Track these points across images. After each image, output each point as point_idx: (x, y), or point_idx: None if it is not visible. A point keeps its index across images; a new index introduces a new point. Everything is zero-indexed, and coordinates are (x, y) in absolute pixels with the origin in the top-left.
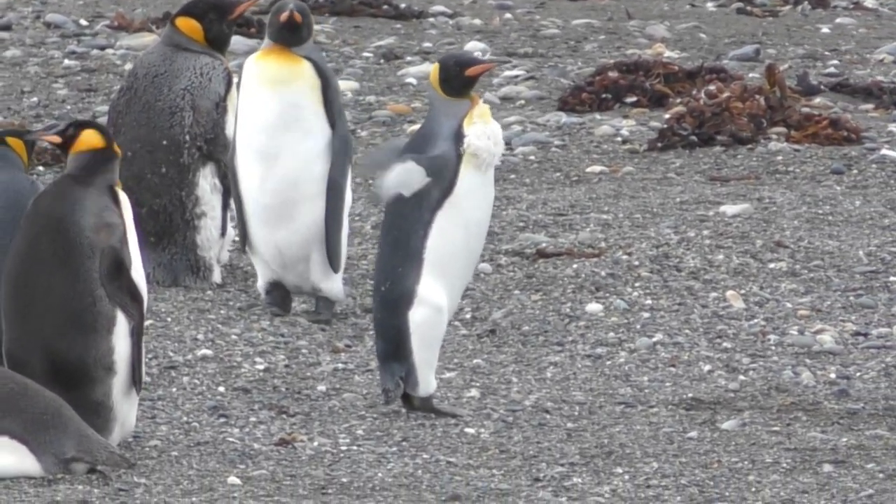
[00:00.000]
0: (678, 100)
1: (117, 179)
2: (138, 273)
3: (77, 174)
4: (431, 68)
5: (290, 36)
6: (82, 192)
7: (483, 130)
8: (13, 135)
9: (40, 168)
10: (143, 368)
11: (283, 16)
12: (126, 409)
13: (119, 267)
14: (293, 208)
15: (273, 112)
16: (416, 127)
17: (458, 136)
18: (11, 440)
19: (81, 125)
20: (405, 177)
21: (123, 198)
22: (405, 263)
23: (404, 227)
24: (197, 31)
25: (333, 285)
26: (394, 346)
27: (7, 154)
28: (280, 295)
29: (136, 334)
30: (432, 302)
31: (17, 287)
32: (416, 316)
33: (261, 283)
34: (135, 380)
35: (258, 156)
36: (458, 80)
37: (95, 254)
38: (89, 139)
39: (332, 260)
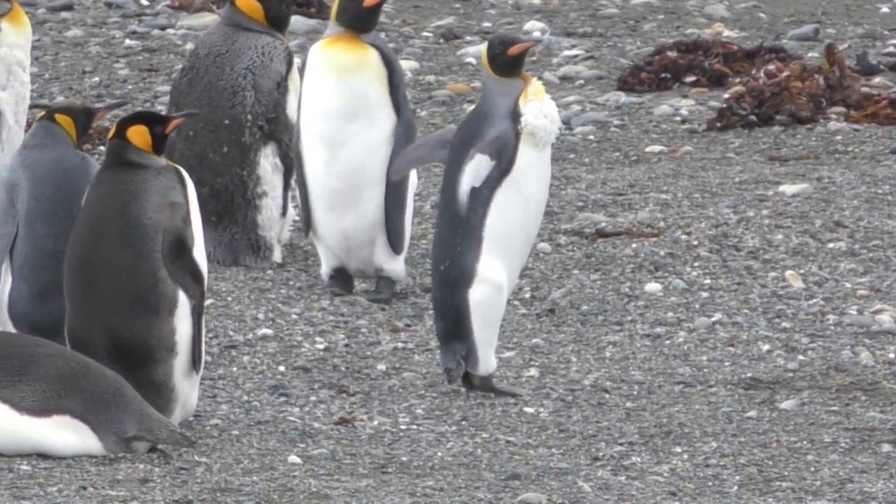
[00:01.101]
0: (737, 80)
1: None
2: (200, 253)
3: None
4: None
5: (363, 21)
6: (145, 172)
7: (539, 108)
8: (63, 111)
9: (102, 148)
10: (204, 348)
11: (371, 1)
12: (187, 389)
13: (181, 247)
14: (359, 193)
15: (339, 100)
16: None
17: (515, 115)
18: (73, 419)
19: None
20: (479, 171)
21: (187, 178)
22: (464, 242)
23: (463, 206)
24: (257, 11)
25: (396, 266)
26: (454, 326)
27: (55, 131)
28: (342, 279)
29: (197, 315)
30: (492, 280)
31: (79, 267)
32: (476, 294)
33: (324, 270)
34: (195, 360)
35: (324, 142)
36: (503, 58)
37: (158, 234)
38: (139, 137)
39: (394, 242)
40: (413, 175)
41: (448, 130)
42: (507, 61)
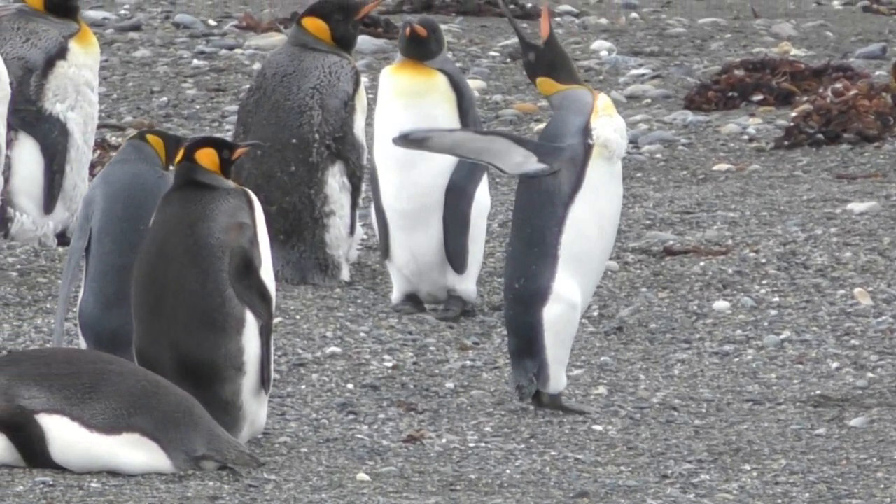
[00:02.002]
0: (805, 98)
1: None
2: (268, 273)
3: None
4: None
5: (418, 50)
6: (213, 193)
7: (610, 122)
8: (156, 133)
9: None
10: (272, 368)
11: (406, 30)
12: (255, 408)
13: (248, 267)
14: (429, 214)
15: (409, 124)
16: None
17: (586, 130)
18: (143, 437)
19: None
20: (492, 150)
21: (255, 200)
22: (539, 260)
23: (537, 224)
24: (324, 31)
25: (467, 286)
26: (527, 343)
27: (142, 148)
28: (413, 304)
29: (265, 334)
30: (567, 298)
31: (147, 286)
32: (551, 313)
33: (395, 295)
34: (264, 379)
35: (396, 164)
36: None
37: (225, 254)
38: (208, 159)
39: (454, 260)
40: (486, 197)
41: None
42: (549, 51)
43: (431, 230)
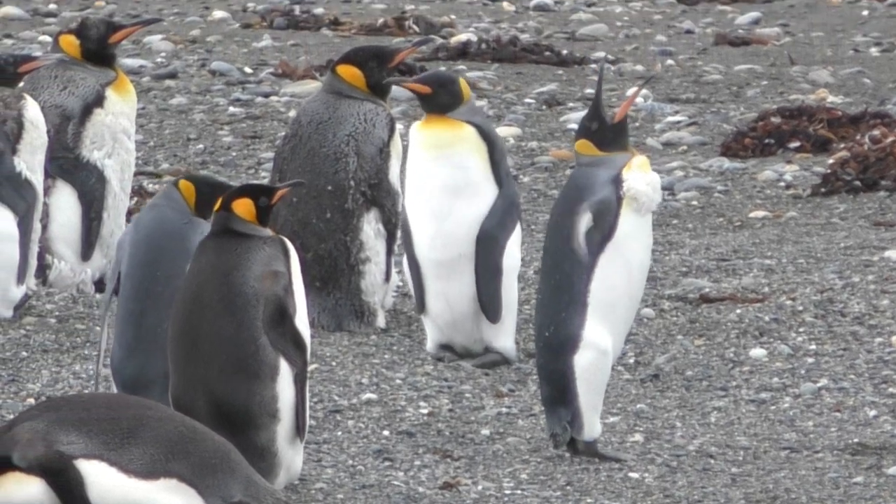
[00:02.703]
0: (842, 145)
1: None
2: (302, 321)
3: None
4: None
5: (430, 104)
6: (249, 242)
7: (642, 176)
8: (189, 178)
9: None
10: (308, 415)
11: (423, 90)
12: (291, 455)
13: (282, 314)
14: (463, 264)
15: (440, 176)
16: None
17: (618, 182)
18: (180, 483)
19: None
20: (585, 225)
21: (291, 248)
22: (569, 308)
23: (566, 271)
24: (358, 79)
25: (505, 343)
26: (559, 391)
27: (172, 194)
28: (448, 358)
29: (300, 382)
30: (598, 345)
31: (183, 333)
32: (582, 360)
33: (430, 346)
34: (299, 427)
35: (429, 216)
36: (606, 130)
37: (259, 302)
38: (244, 209)
39: (487, 309)
40: (516, 252)
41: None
42: (612, 131)
43: (466, 279)
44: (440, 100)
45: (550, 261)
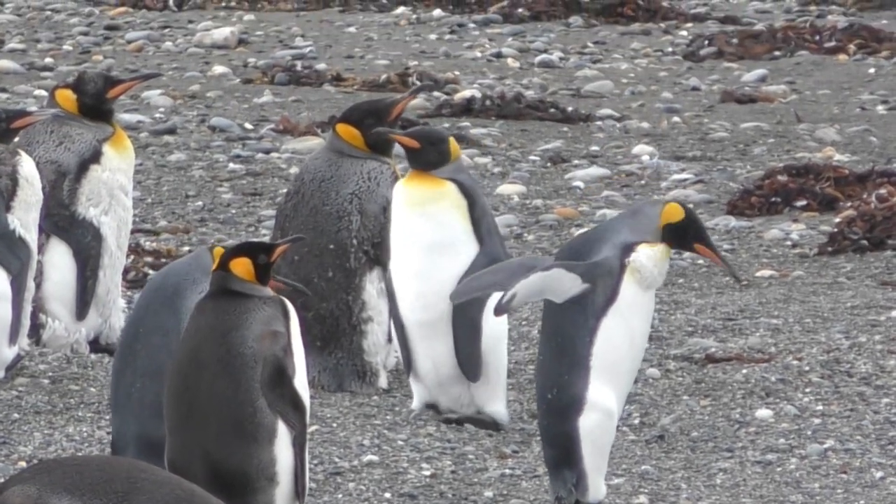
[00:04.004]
0: (849, 203)
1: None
2: (302, 383)
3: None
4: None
5: (418, 160)
6: (247, 302)
7: (653, 254)
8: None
9: None
10: (308, 478)
11: (412, 144)
12: None
13: (281, 376)
14: (446, 324)
15: (421, 233)
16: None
17: (627, 249)
18: None
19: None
20: (560, 286)
21: (291, 308)
22: (571, 371)
23: (568, 334)
24: (357, 138)
25: (496, 408)
26: (564, 453)
27: (201, 256)
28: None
29: (299, 444)
30: (603, 406)
31: (179, 394)
32: (587, 422)
33: (415, 405)
34: (298, 491)
35: (410, 275)
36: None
37: (258, 363)
38: (242, 268)
39: (465, 367)
40: (504, 320)
41: (528, 258)
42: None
43: (450, 340)
44: (427, 156)
45: (551, 323)
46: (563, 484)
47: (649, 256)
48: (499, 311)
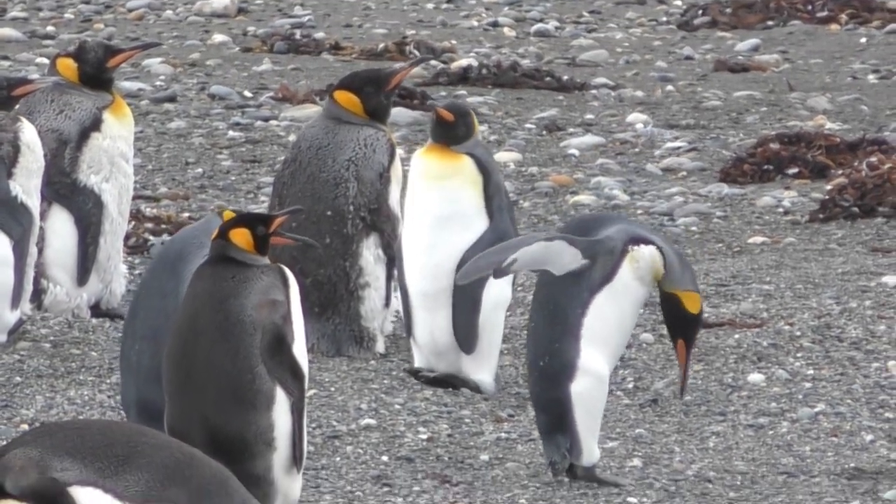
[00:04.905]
0: (840, 171)
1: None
2: (300, 350)
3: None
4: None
5: (446, 134)
6: (246, 271)
7: (655, 259)
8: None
9: None
10: (305, 443)
11: (437, 111)
12: (288, 483)
13: (280, 344)
14: (448, 297)
15: (434, 206)
16: (578, 198)
17: (636, 239)
18: None
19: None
20: (549, 255)
21: (290, 277)
22: (563, 338)
23: (561, 304)
24: (355, 104)
25: (483, 378)
26: (556, 419)
27: (211, 221)
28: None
29: (297, 411)
30: (594, 371)
31: (178, 361)
32: (578, 387)
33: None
34: (296, 456)
35: (419, 246)
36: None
37: (257, 331)
38: (241, 238)
39: (461, 339)
40: (506, 290)
41: (530, 236)
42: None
43: (450, 313)
44: (457, 131)
45: (545, 291)
46: (557, 449)
47: (652, 256)
48: (498, 273)
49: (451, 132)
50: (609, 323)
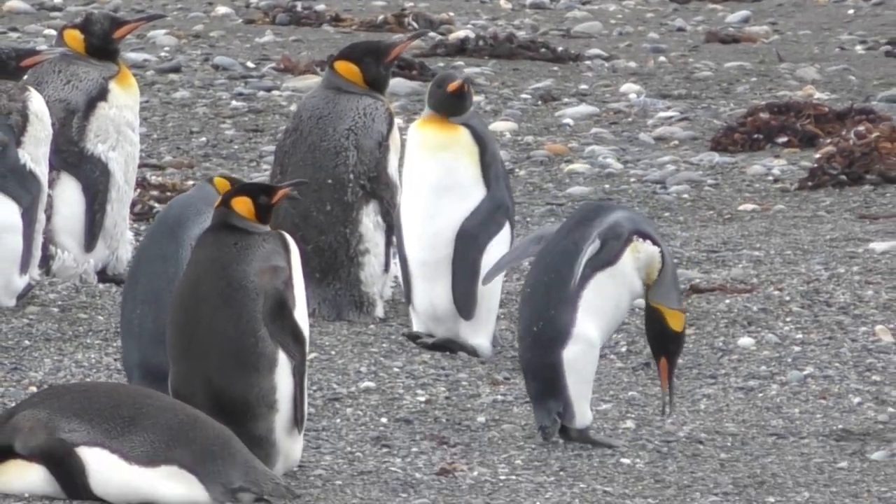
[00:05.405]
0: (828, 140)
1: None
2: (302, 315)
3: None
4: None
5: (451, 107)
6: (247, 238)
7: (652, 255)
8: (225, 178)
9: None
10: (306, 405)
11: (453, 85)
12: (289, 444)
13: (282, 308)
14: (446, 266)
15: (432, 177)
16: (572, 166)
17: (640, 234)
18: (181, 469)
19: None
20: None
21: (291, 243)
22: (559, 306)
23: (562, 273)
24: (355, 74)
25: (481, 342)
26: (548, 385)
27: (203, 188)
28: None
29: (298, 374)
30: (586, 338)
31: (182, 326)
32: (570, 353)
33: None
34: (297, 418)
35: (417, 215)
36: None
37: (259, 296)
38: (243, 206)
39: (460, 306)
40: (503, 253)
41: (541, 229)
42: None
43: (449, 281)
44: (464, 102)
45: (547, 260)
46: (548, 414)
47: (652, 254)
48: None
49: (459, 104)
50: (606, 299)
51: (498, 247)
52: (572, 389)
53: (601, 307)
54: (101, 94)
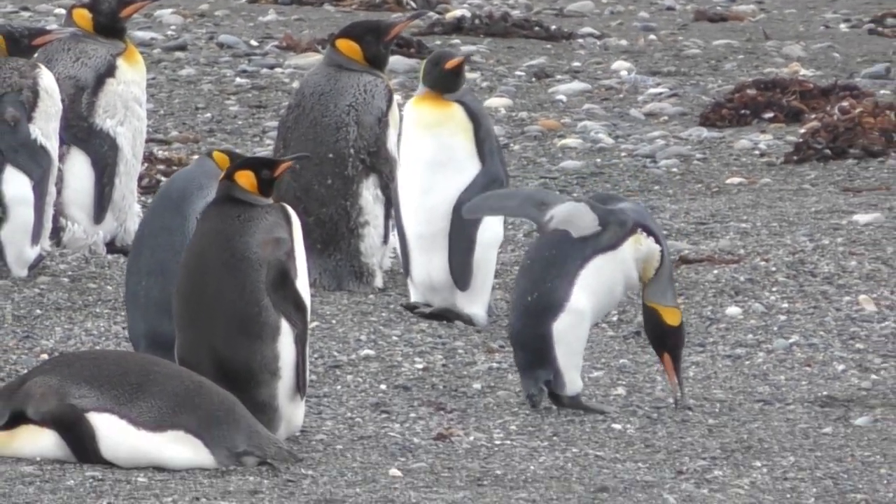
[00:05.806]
0: (813, 115)
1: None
2: (303, 285)
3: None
4: None
5: (449, 83)
6: (251, 210)
7: (652, 250)
8: (224, 152)
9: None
10: (308, 372)
11: (453, 62)
12: (291, 410)
13: (284, 278)
14: (443, 239)
15: (427, 153)
16: (565, 141)
17: (644, 227)
18: (187, 434)
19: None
20: (575, 217)
21: (293, 215)
22: (556, 280)
23: (564, 250)
24: (356, 52)
25: (477, 311)
26: (537, 355)
27: (204, 162)
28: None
29: (300, 342)
30: (578, 310)
31: (187, 296)
32: (561, 325)
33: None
34: (299, 385)
35: (414, 190)
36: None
37: (262, 266)
38: (246, 180)
39: (457, 277)
40: (499, 229)
41: (543, 191)
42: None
43: (445, 254)
44: (455, 78)
45: (549, 238)
46: (535, 382)
47: (652, 250)
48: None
49: (451, 81)
50: (603, 280)
51: (495, 228)
52: (561, 360)
53: (597, 289)
54: (110, 71)
